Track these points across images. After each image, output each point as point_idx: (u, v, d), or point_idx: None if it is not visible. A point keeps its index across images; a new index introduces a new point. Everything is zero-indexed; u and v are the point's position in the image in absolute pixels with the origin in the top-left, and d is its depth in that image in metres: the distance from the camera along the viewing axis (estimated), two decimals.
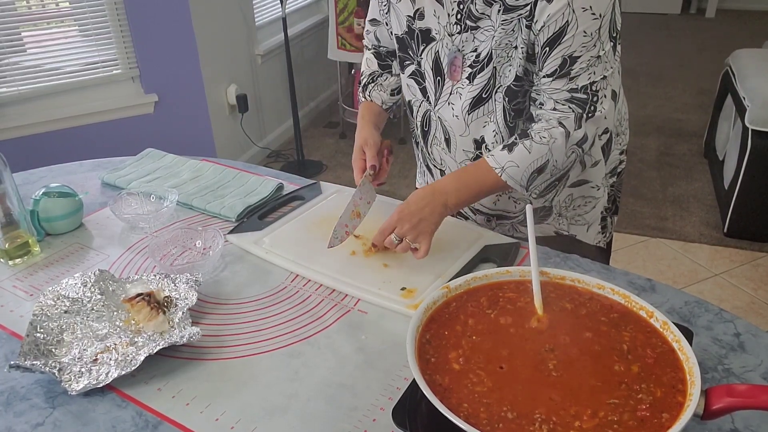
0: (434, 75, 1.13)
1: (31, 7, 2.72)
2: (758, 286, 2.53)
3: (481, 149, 1.15)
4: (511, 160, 1.02)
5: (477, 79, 1.07)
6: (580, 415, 0.64)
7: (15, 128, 2.70)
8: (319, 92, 4.45)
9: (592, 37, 0.96)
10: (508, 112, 1.08)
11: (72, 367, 0.83)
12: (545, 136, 1.01)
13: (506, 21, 1.00)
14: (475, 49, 1.05)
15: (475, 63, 1.06)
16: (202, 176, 1.39)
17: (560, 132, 1.00)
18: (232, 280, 1.05)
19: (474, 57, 1.06)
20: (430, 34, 1.10)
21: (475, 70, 1.07)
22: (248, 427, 0.76)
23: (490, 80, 1.06)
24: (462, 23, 1.05)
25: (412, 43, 1.13)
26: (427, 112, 1.19)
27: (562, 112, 1.01)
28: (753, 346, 0.87)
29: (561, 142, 1.01)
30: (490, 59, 1.04)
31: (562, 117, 1.01)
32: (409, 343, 0.72)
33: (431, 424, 0.69)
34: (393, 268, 1.05)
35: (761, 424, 0.74)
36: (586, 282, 0.84)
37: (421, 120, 1.22)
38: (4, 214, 1.08)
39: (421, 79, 1.16)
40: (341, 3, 3.52)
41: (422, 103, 1.19)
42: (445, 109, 1.14)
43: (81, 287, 0.96)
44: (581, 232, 1.24)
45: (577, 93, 0.99)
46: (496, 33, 1.02)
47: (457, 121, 1.13)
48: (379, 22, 1.23)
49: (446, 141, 1.18)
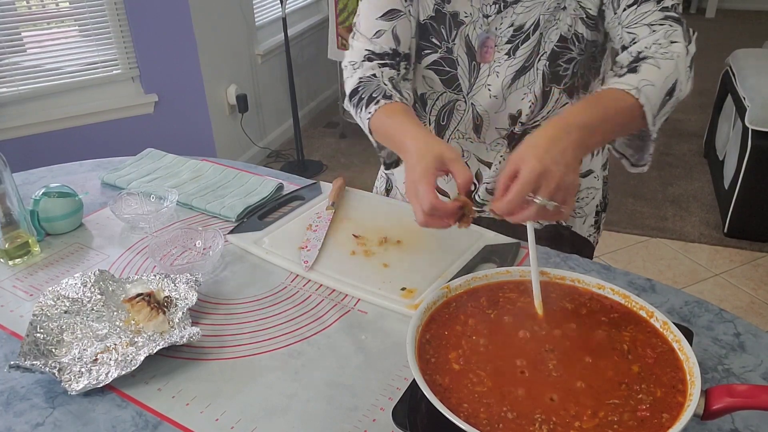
0: (469, 60, 1.06)
1: (31, 7, 2.72)
2: (758, 286, 2.53)
3: (516, 124, 1.09)
4: (644, 79, 0.85)
5: (520, 51, 1.02)
6: (580, 415, 0.64)
7: (15, 128, 2.70)
8: (319, 92, 4.45)
9: None
10: (546, 76, 1.03)
11: (72, 367, 0.83)
12: (666, 51, 0.88)
13: None
14: (512, 24, 1.01)
15: (516, 36, 1.01)
16: (202, 176, 1.39)
17: (679, 46, 0.88)
18: (232, 280, 1.05)
19: (512, 31, 1.01)
20: (458, 17, 1.03)
21: (516, 43, 1.02)
22: (248, 427, 0.76)
23: (534, 48, 1.01)
24: (501, 2, 1.00)
25: (441, 29, 1.05)
26: (450, 104, 1.11)
27: (664, 29, 0.90)
28: (753, 346, 0.87)
29: (683, 56, 0.88)
30: (536, 27, 1.00)
31: (668, 31, 0.89)
32: (409, 343, 0.72)
33: (431, 424, 0.69)
34: (393, 268, 1.05)
35: (761, 424, 0.74)
36: (586, 282, 0.84)
37: (438, 113, 1.13)
38: (4, 214, 1.08)
39: (450, 67, 1.07)
40: (341, 3, 3.52)
41: (443, 94, 1.11)
42: (481, 93, 1.07)
43: (81, 287, 0.96)
44: (578, 224, 1.22)
45: (669, 11, 0.91)
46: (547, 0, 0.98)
47: (495, 101, 1.07)
48: (401, 12, 1.05)
49: (475, 128, 1.11)
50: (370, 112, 0.98)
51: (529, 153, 0.75)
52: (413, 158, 0.83)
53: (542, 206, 0.73)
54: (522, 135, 1.11)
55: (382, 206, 1.25)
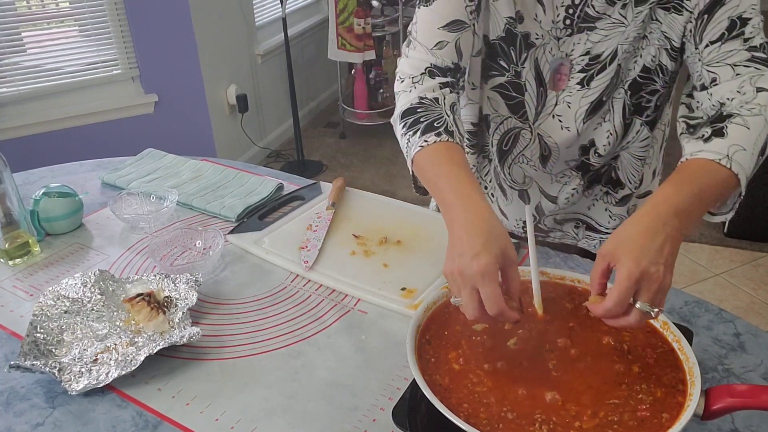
0: (537, 86, 0.98)
1: (31, 7, 2.72)
2: (758, 286, 2.53)
3: (588, 154, 1.02)
4: (734, 144, 0.77)
5: (595, 82, 0.94)
6: (580, 415, 0.64)
7: (15, 128, 2.70)
8: (319, 92, 4.45)
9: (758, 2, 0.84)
10: (627, 107, 0.97)
11: (72, 367, 0.83)
12: (752, 107, 0.80)
13: (640, 13, 0.88)
14: (587, 52, 0.93)
15: (591, 65, 0.94)
16: (202, 176, 1.39)
17: (765, 94, 0.80)
18: (232, 280, 1.05)
19: (587, 59, 0.94)
20: (529, 39, 0.95)
21: (591, 73, 0.94)
22: (248, 427, 0.76)
23: (612, 80, 0.94)
24: (573, 27, 0.92)
25: (511, 51, 0.96)
26: (513, 131, 1.04)
27: (752, 72, 0.82)
28: (753, 346, 0.87)
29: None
30: (613, 57, 0.92)
31: (754, 77, 0.82)
32: (409, 343, 0.72)
33: (431, 424, 0.69)
34: (393, 268, 1.05)
35: (761, 424, 0.74)
36: (586, 282, 0.83)
37: (501, 138, 1.06)
38: (4, 214, 1.07)
39: (516, 92, 0.99)
40: (341, 3, 3.52)
41: (507, 119, 1.03)
42: (549, 123, 1.00)
43: (81, 287, 0.96)
44: None
45: (757, 52, 0.83)
46: (627, 29, 0.90)
47: (567, 134, 0.99)
48: (466, 25, 0.94)
49: (542, 158, 1.04)
50: (426, 140, 0.85)
51: (625, 252, 0.68)
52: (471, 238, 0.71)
53: (644, 312, 0.67)
54: (601, 168, 1.06)
55: (382, 206, 1.25)
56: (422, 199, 1.02)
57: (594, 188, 1.10)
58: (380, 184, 3.42)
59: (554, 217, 1.13)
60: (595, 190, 1.10)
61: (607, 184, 1.08)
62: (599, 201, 1.11)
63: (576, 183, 1.08)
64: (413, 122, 0.89)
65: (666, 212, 0.71)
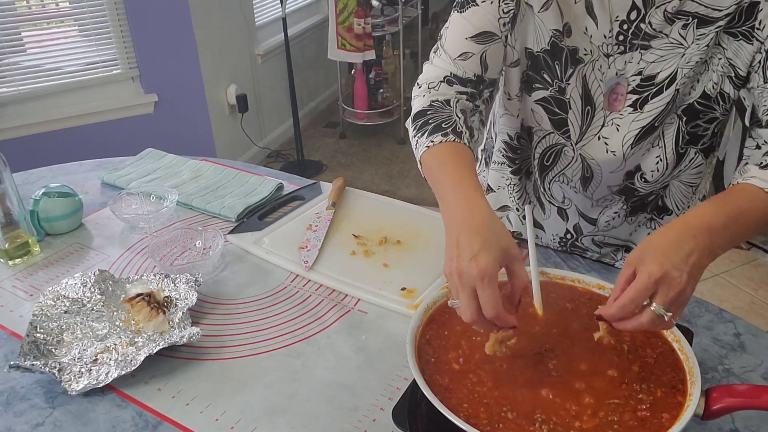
0: (583, 104, 0.93)
1: (31, 7, 2.72)
2: (758, 286, 2.53)
3: (633, 179, 0.97)
4: None
5: (649, 106, 0.89)
6: (580, 415, 0.64)
7: (15, 128, 2.70)
8: (319, 92, 4.45)
9: None
10: (682, 135, 0.92)
11: (72, 367, 0.83)
12: None
13: (702, 35, 0.83)
14: (639, 72, 0.88)
15: (644, 87, 0.89)
16: (202, 176, 1.39)
17: None
18: (232, 280, 1.05)
19: (639, 80, 0.88)
20: (577, 54, 0.90)
21: (645, 96, 0.89)
22: (248, 427, 0.76)
23: (668, 105, 0.88)
24: (627, 43, 0.87)
25: (555, 65, 0.91)
26: (556, 147, 0.99)
27: None
28: (753, 346, 0.87)
29: None
30: (671, 81, 0.87)
31: None
32: (409, 343, 0.72)
33: (431, 424, 0.69)
34: (393, 268, 1.05)
35: (761, 424, 0.74)
36: (586, 282, 0.84)
37: (543, 153, 1.02)
38: (4, 214, 1.07)
39: (560, 108, 0.94)
40: (341, 3, 3.52)
41: (550, 135, 0.98)
42: (593, 145, 0.95)
43: (81, 287, 0.96)
44: None
45: None
46: (687, 51, 0.84)
47: (613, 159, 0.94)
48: (496, 37, 0.91)
49: (584, 180, 0.99)
50: (433, 141, 0.86)
51: (649, 255, 0.67)
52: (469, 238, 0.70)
53: (657, 315, 0.65)
54: (647, 196, 1.01)
55: (382, 206, 1.25)
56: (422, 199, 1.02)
57: (638, 215, 1.04)
58: (380, 184, 3.42)
59: (593, 237, 1.09)
60: (639, 217, 1.04)
61: (652, 212, 1.02)
62: (642, 227, 1.06)
63: (618, 207, 1.03)
64: (423, 124, 0.89)
65: (697, 226, 0.70)
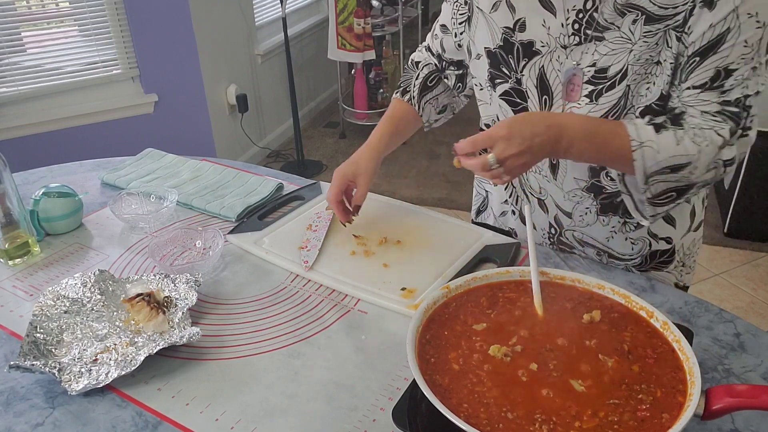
0: (540, 94, 0.98)
1: (31, 7, 2.72)
2: (758, 286, 2.53)
3: (599, 177, 1.01)
4: (653, 141, 0.85)
5: (603, 99, 0.93)
6: (580, 415, 0.64)
7: (15, 128, 2.70)
8: (319, 92, 4.45)
9: (752, 48, 0.83)
10: None
11: (72, 367, 0.83)
12: (699, 136, 0.85)
13: (649, 33, 0.87)
14: (593, 63, 0.92)
15: (598, 80, 0.92)
16: (202, 176, 1.39)
17: (717, 139, 0.85)
18: (232, 280, 1.05)
19: (593, 72, 0.92)
20: (534, 47, 0.96)
21: (600, 88, 0.92)
22: (248, 427, 0.76)
23: (620, 101, 0.91)
24: (582, 33, 0.91)
25: (509, 59, 0.99)
26: None
27: (714, 123, 0.86)
28: (753, 346, 0.87)
29: (713, 150, 0.85)
30: (623, 77, 0.90)
31: (717, 128, 0.86)
32: (409, 343, 0.72)
33: (431, 424, 0.69)
34: (393, 268, 1.05)
35: (761, 424, 0.74)
36: (586, 282, 0.84)
37: None
38: (4, 214, 1.07)
39: (520, 98, 1.01)
40: (341, 3, 3.52)
41: None
42: None
43: (81, 287, 0.96)
44: (689, 279, 1.12)
45: (729, 106, 0.86)
46: (635, 47, 0.88)
47: None
48: (449, 30, 1.11)
49: (552, 167, 1.04)
50: (394, 95, 1.22)
51: (509, 121, 0.87)
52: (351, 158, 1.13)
53: (488, 162, 0.85)
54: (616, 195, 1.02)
55: (382, 206, 1.25)
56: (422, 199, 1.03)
57: (610, 216, 1.06)
58: (380, 184, 3.42)
59: (573, 233, 1.12)
60: (612, 222, 1.07)
61: (624, 214, 1.04)
62: (618, 233, 1.08)
63: (589, 203, 1.06)
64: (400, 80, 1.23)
65: (557, 121, 0.87)
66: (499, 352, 0.72)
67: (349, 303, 0.98)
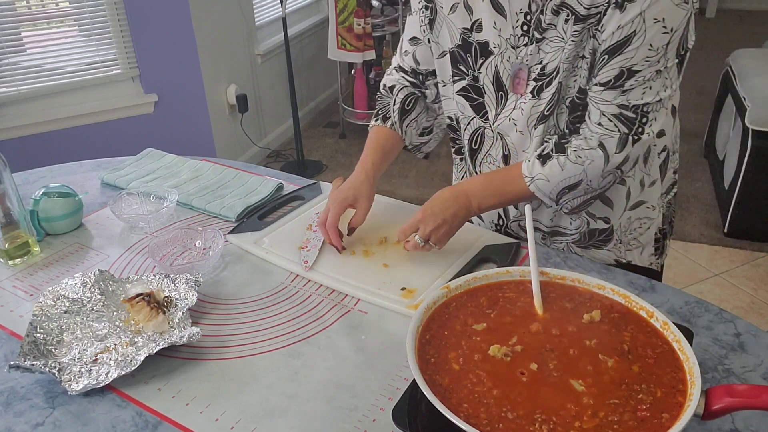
0: (496, 90, 1.05)
1: (31, 7, 2.72)
2: (758, 286, 2.53)
3: None
4: (541, 173, 0.98)
5: (543, 94, 1.00)
6: (580, 415, 0.64)
7: (15, 128, 2.70)
8: (319, 92, 4.45)
9: (657, 52, 0.88)
10: (567, 125, 1.02)
11: (72, 367, 0.83)
12: (581, 156, 0.96)
13: (577, 32, 0.93)
14: (540, 62, 0.98)
15: (541, 76, 0.99)
16: (202, 176, 1.39)
17: (599, 155, 0.95)
18: (232, 280, 1.05)
19: (539, 70, 0.99)
20: (489, 47, 1.02)
21: (540, 84, 1.00)
22: (248, 427, 0.76)
23: (554, 96, 0.99)
24: (529, 35, 0.98)
25: (468, 57, 1.06)
26: (480, 130, 1.12)
27: (605, 130, 0.95)
28: (753, 346, 0.87)
29: (598, 164, 0.95)
30: (557, 73, 0.97)
31: (605, 136, 0.95)
32: (409, 343, 0.72)
33: (431, 424, 0.69)
34: (393, 268, 1.05)
35: (761, 424, 0.74)
36: (586, 282, 0.84)
37: (471, 137, 1.14)
38: (4, 214, 1.07)
39: (477, 94, 1.08)
40: (341, 3, 3.52)
41: (473, 119, 1.11)
42: (506, 124, 1.06)
43: (81, 287, 0.96)
44: (636, 256, 1.17)
45: (627, 110, 0.93)
46: (566, 45, 0.94)
47: (521, 137, 1.06)
48: (420, 40, 1.14)
49: (505, 158, 1.10)
50: (371, 123, 1.22)
51: (424, 206, 1.03)
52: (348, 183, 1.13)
53: (417, 242, 1.02)
54: None
55: (382, 206, 1.25)
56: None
57: None
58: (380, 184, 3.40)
59: (519, 222, 1.18)
60: None
61: None
62: (560, 212, 1.12)
63: None
64: (375, 109, 1.23)
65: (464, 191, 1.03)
66: (499, 352, 0.72)
67: (349, 303, 0.98)
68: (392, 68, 1.24)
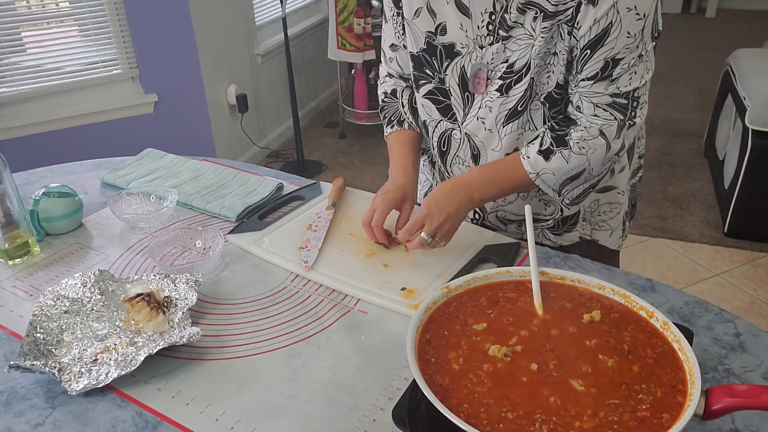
0: (462, 91, 1.08)
1: (31, 7, 2.72)
2: (758, 286, 2.53)
3: None
4: (546, 168, 1.00)
5: (513, 91, 1.02)
6: (580, 415, 0.64)
7: (15, 128, 2.70)
8: (319, 92, 4.45)
9: (635, 38, 0.92)
10: (546, 119, 1.04)
11: (72, 367, 0.83)
12: (584, 147, 0.98)
13: (546, 29, 0.95)
14: (506, 60, 1.01)
15: (508, 74, 1.01)
16: (202, 176, 1.38)
17: (601, 143, 0.98)
18: (232, 280, 1.05)
19: (505, 68, 1.01)
20: (454, 48, 1.05)
21: (509, 82, 1.02)
22: (248, 427, 0.76)
23: (526, 92, 1.01)
24: (494, 34, 1.00)
25: (433, 60, 1.08)
26: (447, 132, 1.14)
27: (604, 120, 0.98)
28: (753, 346, 0.87)
29: (600, 152, 0.99)
30: (528, 69, 0.99)
31: (604, 126, 0.98)
32: (409, 343, 0.72)
33: (431, 424, 0.69)
34: (393, 268, 1.05)
35: (761, 424, 0.74)
36: (586, 282, 0.84)
37: (439, 140, 1.16)
38: (4, 214, 1.07)
39: (444, 96, 1.10)
40: (341, 3, 3.52)
41: (440, 122, 1.14)
42: (474, 124, 1.09)
43: (81, 287, 0.96)
44: (604, 237, 1.21)
45: (619, 98, 0.96)
46: (536, 42, 0.97)
47: (489, 135, 1.08)
48: (398, 46, 1.18)
49: (474, 157, 1.13)
50: (387, 132, 1.23)
51: (427, 199, 1.02)
52: (392, 185, 1.12)
53: (423, 239, 1.01)
54: None
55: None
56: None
57: (529, 192, 1.15)
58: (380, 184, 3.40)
59: (496, 214, 1.21)
60: (531, 193, 1.15)
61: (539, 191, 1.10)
62: (534, 199, 1.16)
63: None
64: (383, 117, 1.24)
65: (465, 184, 1.03)
66: (499, 352, 0.72)
67: (349, 303, 0.98)
68: (384, 76, 1.26)
